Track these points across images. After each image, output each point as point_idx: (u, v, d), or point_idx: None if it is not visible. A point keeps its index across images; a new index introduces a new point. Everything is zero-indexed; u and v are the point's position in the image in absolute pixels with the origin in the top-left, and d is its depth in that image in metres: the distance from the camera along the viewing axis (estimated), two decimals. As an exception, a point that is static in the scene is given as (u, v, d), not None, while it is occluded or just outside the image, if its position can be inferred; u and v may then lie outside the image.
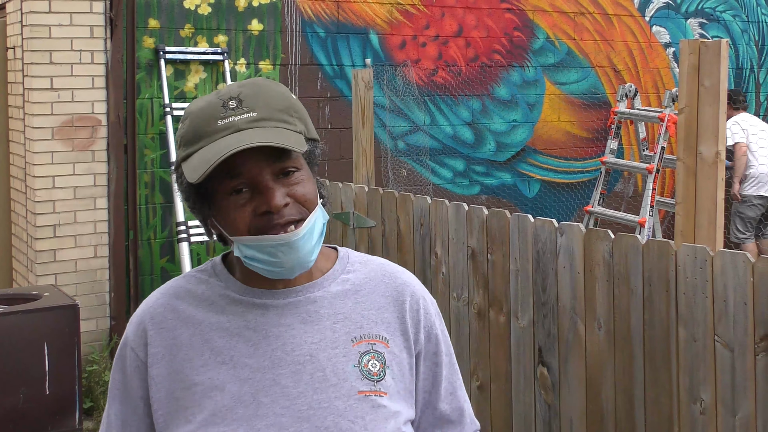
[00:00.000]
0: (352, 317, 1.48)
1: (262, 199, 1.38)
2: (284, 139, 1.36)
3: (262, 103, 1.40)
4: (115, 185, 5.71)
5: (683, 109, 3.89)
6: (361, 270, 1.54)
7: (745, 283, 3.04)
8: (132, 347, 1.47)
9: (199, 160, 1.36)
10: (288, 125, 1.40)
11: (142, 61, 5.85)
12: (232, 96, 1.40)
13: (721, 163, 3.74)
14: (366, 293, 1.51)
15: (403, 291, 1.54)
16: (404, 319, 1.51)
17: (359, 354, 1.44)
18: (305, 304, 1.46)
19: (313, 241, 1.42)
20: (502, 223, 4.01)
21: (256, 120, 1.38)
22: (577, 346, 3.67)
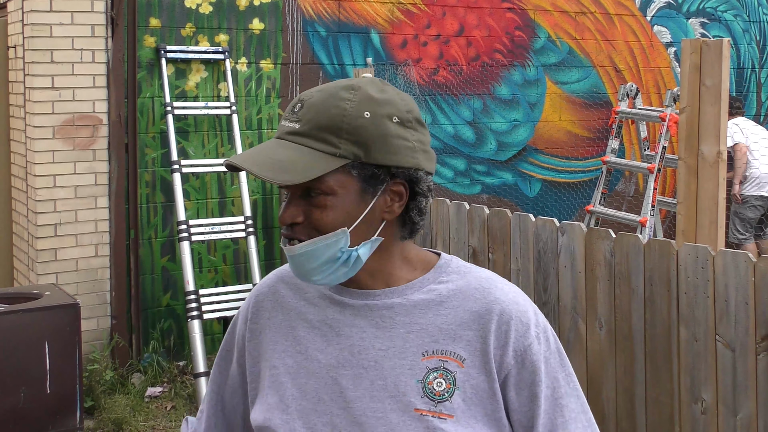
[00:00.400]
0: (429, 330, 1.41)
1: (282, 208, 1.41)
2: (283, 164, 1.34)
3: (312, 115, 1.37)
4: (116, 184, 5.71)
5: (685, 108, 3.88)
6: (455, 281, 1.45)
7: (747, 282, 3.04)
8: (242, 317, 1.57)
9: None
10: (324, 146, 1.36)
11: (143, 60, 5.85)
12: (303, 99, 1.39)
13: (722, 162, 3.74)
14: (451, 306, 1.42)
15: (491, 308, 1.41)
16: (487, 339, 1.40)
17: (427, 369, 1.38)
18: (380, 309, 1.43)
19: (315, 263, 1.38)
20: (503, 222, 4.00)
21: (294, 133, 1.37)
22: (578, 345, 3.66)
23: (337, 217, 1.38)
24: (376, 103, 1.38)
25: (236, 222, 5.86)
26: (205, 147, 6.07)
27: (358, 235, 1.40)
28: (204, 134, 6.07)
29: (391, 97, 1.41)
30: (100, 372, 5.38)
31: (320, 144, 1.35)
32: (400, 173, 1.40)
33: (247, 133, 6.22)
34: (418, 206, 1.44)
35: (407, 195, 1.42)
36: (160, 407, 5.34)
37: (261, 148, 1.38)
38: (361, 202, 1.39)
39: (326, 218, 1.37)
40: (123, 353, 5.70)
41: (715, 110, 3.77)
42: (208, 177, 6.07)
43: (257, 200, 6.25)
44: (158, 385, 5.57)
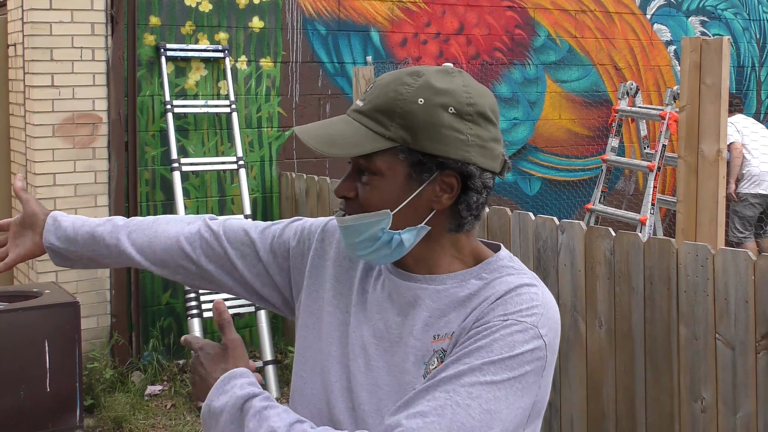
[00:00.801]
0: (448, 317, 1.41)
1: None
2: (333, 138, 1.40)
3: (373, 96, 1.41)
4: (116, 183, 5.71)
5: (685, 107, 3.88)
6: (490, 279, 1.43)
7: (747, 281, 3.04)
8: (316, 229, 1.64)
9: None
10: (376, 126, 1.39)
11: (143, 58, 5.85)
12: (375, 80, 1.45)
13: (722, 161, 3.74)
14: (473, 301, 1.41)
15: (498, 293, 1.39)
16: (474, 314, 1.39)
17: (433, 352, 1.41)
18: (415, 290, 1.46)
19: (357, 239, 1.44)
20: (503, 221, 4.00)
21: (356, 111, 1.42)
22: (578, 344, 3.66)
23: (382, 198, 1.41)
24: (434, 91, 1.39)
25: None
26: (205, 145, 6.07)
27: (402, 219, 1.41)
28: (204, 132, 6.07)
29: (453, 87, 1.40)
30: (100, 370, 5.37)
31: (373, 123, 1.39)
32: (451, 165, 1.39)
33: (246, 131, 6.21)
34: (468, 201, 1.42)
35: (458, 188, 1.41)
36: (160, 405, 5.34)
37: (325, 123, 1.44)
38: (407, 187, 1.40)
39: (371, 197, 1.41)
40: (123, 351, 5.69)
41: (715, 109, 3.77)
42: (207, 175, 6.07)
43: (257, 198, 6.25)
44: (158, 384, 5.57)
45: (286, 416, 1.34)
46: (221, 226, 1.71)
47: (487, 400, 1.28)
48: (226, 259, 1.67)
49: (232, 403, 1.38)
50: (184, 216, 1.79)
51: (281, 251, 1.65)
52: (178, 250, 1.71)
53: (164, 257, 1.72)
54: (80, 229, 1.79)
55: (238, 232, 1.68)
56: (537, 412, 1.40)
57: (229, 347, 1.49)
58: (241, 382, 1.41)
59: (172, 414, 5.22)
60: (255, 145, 6.26)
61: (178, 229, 1.73)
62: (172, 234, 1.73)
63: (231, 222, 1.72)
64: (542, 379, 1.37)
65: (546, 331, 1.36)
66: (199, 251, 1.69)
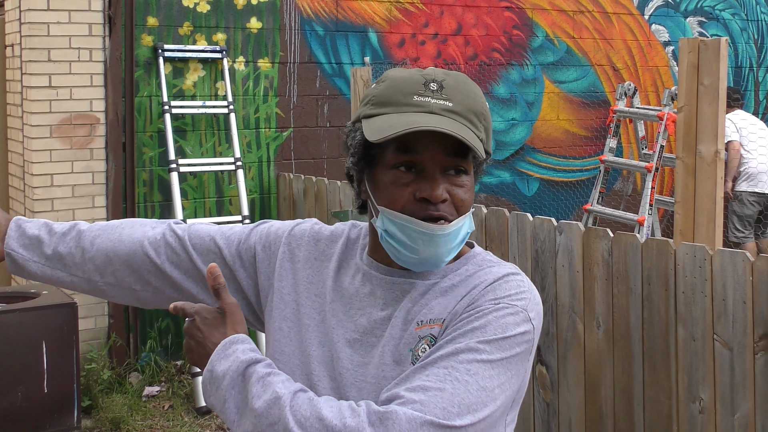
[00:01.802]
0: (431, 305, 1.44)
1: (425, 185, 1.40)
2: (470, 139, 1.37)
3: (461, 97, 1.41)
4: (114, 183, 5.70)
5: (683, 107, 3.88)
6: (473, 271, 1.47)
7: (744, 282, 3.04)
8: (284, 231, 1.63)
9: (384, 123, 1.38)
10: (474, 128, 1.40)
11: (141, 59, 5.84)
12: (436, 79, 1.42)
13: (720, 161, 3.74)
14: (456, 290, 1.45)
15: (486, 281, 1.43)
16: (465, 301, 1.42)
17: (418, 338, 1.42)
18: (401, 284, 1.47)
19: (454, 243, 1.42)
20: (501, 221, 4.00)
21: (450, 111, 1.39)
22: (575, 345, 3.66)
23: (471, 198, 1.45)
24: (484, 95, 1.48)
25: (234, 221, 5.85)
26: (203, 146, 6.07)
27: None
28: (201, 133, 6.07)
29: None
30: (98, 371, 5.37)
31: (471, 125, 1.40)
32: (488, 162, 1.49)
33: (244, 132, 6.21)
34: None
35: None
36: (158, 406, 5.33)
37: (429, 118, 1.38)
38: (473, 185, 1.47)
39: (467, 198, 1.43)
40: (120, 352, 5.69)
41: (713, 109, 3.77)
42: (205, 176, 6.06)
43: (255, 199, 6.25)
44: (156, 385, 5.57)
45: (290, 384, 1.34)
46: (186, 231, 1.68)
47: (483, 377, 1.32)
48: (192, 264, 1.65)
49: (234, 368, 1.36)
50: (148, 220, 1.75)
51: (247, 256, 1.63)
52: (142, 255, 1.66)
53: (129, 262, 1.67)
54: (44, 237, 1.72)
55: (204, 238, 1.66)
56: (519, 398, 1.44)
57: (227, 311, 1.44)
58: (243, 347, 1.39)
59: (170, 415, 5.21)
60: (253, 145, 6.26)
61: (141, 233, 1.69)
62: (136, 238, 1.68)
63: (196, 227, 1.69)
64: (528, 363, 1.41)
65: (534, 315, 1.41)
66: (164, 257, 1.66)
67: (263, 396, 1.31)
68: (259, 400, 1.31)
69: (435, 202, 1.39)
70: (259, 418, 1.30)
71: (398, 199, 1.41)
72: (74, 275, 1.70)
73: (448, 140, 1.38)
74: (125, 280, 1.68)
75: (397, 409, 1.26)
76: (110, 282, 1.68)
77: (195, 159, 5.93)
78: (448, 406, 1.28)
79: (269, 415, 1.30)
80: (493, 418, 1.33)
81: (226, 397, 1.35)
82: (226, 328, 1.42)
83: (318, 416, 1.27)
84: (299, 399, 1.31)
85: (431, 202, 1.39)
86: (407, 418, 1.26)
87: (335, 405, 1.30)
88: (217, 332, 1.42)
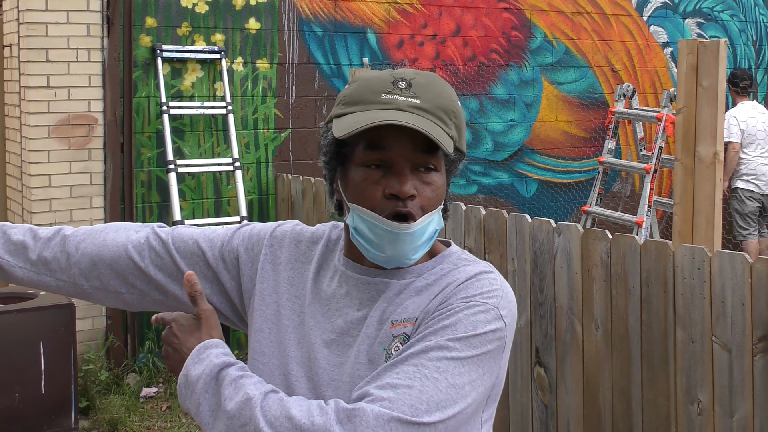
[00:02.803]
0: (406, 304, 1.45)
1: (394, 181, 1.41)
2: (438, 135, 1.38)
3: (430, 95, 1.42)
4: (112, 184, 5.70)
5: (681, 109, 3.88)
6: (447, 269, 1.48)
7: (743, 284, 3.03)
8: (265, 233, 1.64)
9: (352, 120, 1.40)
10: (443, 125, 1.41)
11: (139, 59, 5.84)
12: (405, 78, 1.43)
13: (719, 163, 3.74)
14: (432, 289, 1.46)
15: (459, 279, 1.45)
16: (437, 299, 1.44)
17: (392, 337, 1.43)
18: (376, 285, 1.48)
19: (420, 241, 1.43)
20: (499, 223, 4.00)
21: (418, 108, 1.40)
22: (574, 346, 3.66)
23: (440, 195, 1.46)
24: (455, 93, 1.49)
25: (232, 222, 5.84)
26: (201, 147, 6.06)
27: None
28: (200, 134, 6.06)
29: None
30: (95, 372, 5.36)
31: (440, 122, 1.41)
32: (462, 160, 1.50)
33: (243, 132, 6.20)
34: (449, 194, 1.52)
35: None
36: (156, 407, 5.33)
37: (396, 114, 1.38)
38: (445, 182, 1.48)
39: (436, 195, 1.44)
40: (118, 353, 5.68)
41: (712, 111, 3.77)
42: (203, 177, 6.05)
43: (253, 200, 6.24)
44: (153, 386, 5.56)
45: (261, 386, 1.36)
46: (170, 234, 1.68)
47: (452, 374, 1.33)
48: (175, 267, 1.65)
49: (208, 371, 1.38)
50: (132, 224, 1.75)
51: (230, 258, 1.64)
52: (126, 259, 1.66)
53: (113, 265, 1.67)
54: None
55: (187, 241, 1.66)
56: (495, 395, 1.45)
57: (203, 317, 1.47)
58: (216, 352, 1.41)
59: (168, 416, 5.21)
60: (251, 146, 6.25)
61: (125, 237, 1.69)
62: (120, 242, 1.68)
63: (180, 230, 1.70)
64: (501, 360, 1.42)
65: (506, 313, 1.42)
66: (148, 260, 1.66)
67: (235, 398, 1.34)
68: (231, 401, 1.33)
69: (403, 197, 1.40)
70: (232, 420, 1.32)
71: (367, 196, 1.42)
72: (60, 280, 1.70)
73: (417, 137, 1.39)
74: (110, 284, 1.68)
75: (365, 407, 1.28)
76: (96, 286, 1.69)
77: (193, 160, 5.92)
78: (416, 404, 1.29)
79: (241, 416, 1.32)
80: (464, 416, 1.34)
81: (200, 401, 1.37)
82: (201, 333, 1.45)
83: (287, 415, 1.29)
84: (270, 399, 1.32)
85: (399, 198, 1.40)
86: (374, 415, 1.27)
87: (305, 404, 1.31)
88: (193, 338, 1.45)
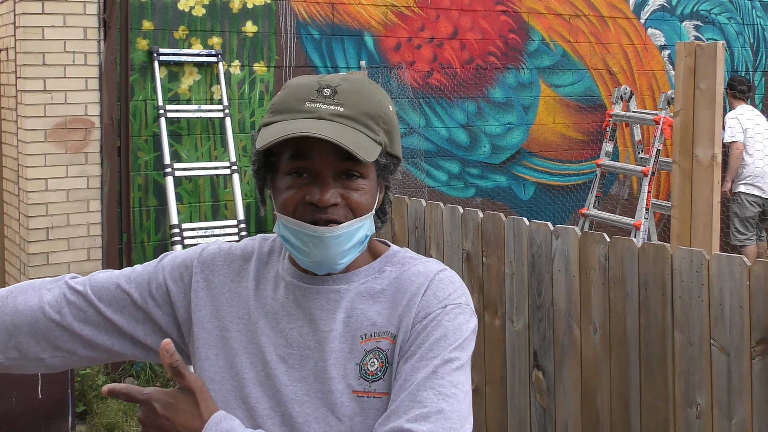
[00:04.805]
0: (368, 314, 1.44)
1: (315, 190, 1.40)
2: (355, 143, 1.36)
3: (355, 101, 1.41)
4: (109, 187, 5.69)
5: (679, 111, 3.88)
6: (398, 270, 1.49)
7: (741, 286, 3.03)
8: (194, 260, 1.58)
9: (273, 131, 1.39)
10: (369, 132, 1.40)
11: (136, 62, 5.83)
12: (330, 85, 1.42)
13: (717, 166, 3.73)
14: (391, 293, 1.46)
15: (421, 284, 1.46)
16: (411, 311, 1.44)
17: (364, 352, 1.42)
18: (327, 293, 1.47)
19: (347, 245, 1.42)
20: (497, 226, 3.99)
21: (340, 115, 1.39)
22: (572, 349, 3.65)
23: (369, 201, 1.44)
24: (388, 97, 1.48)
25: (229, 225, 5.84)
26: (198, 150, 6.05)
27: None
28: (197, 137, 6.05)
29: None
30: (93, 377, 5.35)
31: (365, 129, 1.40)
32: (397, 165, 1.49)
33: (240, 136, 6.20)
34: (389, 197, 1.54)
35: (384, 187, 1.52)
36: (153, 412, 5.31)
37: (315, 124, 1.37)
38: (377, 189, 1.48)
39: (363, 201, 1.43)
40: (115, 357, 5.66)
41: (710, 113, 3.76)
42: (201, 180, 6.05)
43: (250, 204, 6.23)
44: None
45: None
46: (87, 284, 1.59)
47: (463, 382, 1.39)
48: (101, 317, 1.56)
49: None
50: (39, 281, 1.62)
51: (160, 294, 1.56)
52: (45, 321, 1.55)
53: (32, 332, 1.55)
54: None
55: (108, 287, 1.58)
56: None
57: (195, 390, 1.33)
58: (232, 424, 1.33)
59: (165, 420, 5.19)
60: (248, 149, 6.24)
61: (38, 298, 1.57)
62: (34, 305, 1.56)
63: (97, 277, 1.61)
64: None
65: (471, 304, 1.50)
66: (69, 317, 1.55)
67: None
68: None
69: (322, 206, 1.40)
70: None
71: (289, 202, 1.42)
72: None
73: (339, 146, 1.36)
74: (30, 351, 1.55)
75: None
76: (13, 357, 1.56)
77: (190, 163, 5.92)
78: (453, 425, 1.33)
79: None
80: None
81: None
82: (199, 409, 1.32)
83: None
84: None
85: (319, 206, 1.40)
86: None
87: None
88: (189, 416, 1.32)
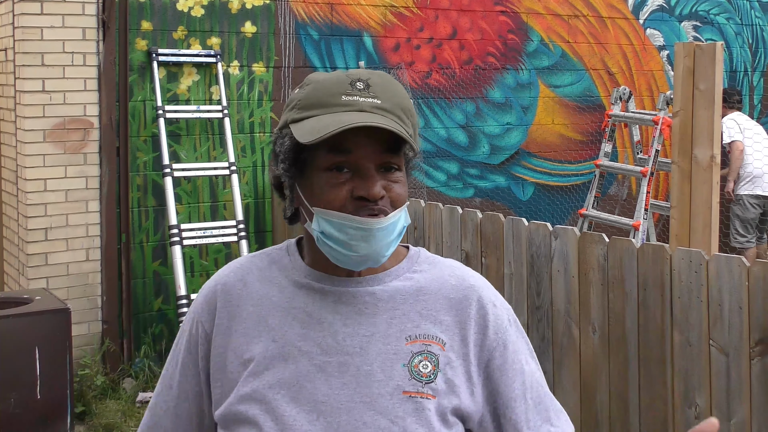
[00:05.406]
0: (410, 315, 1.44)
1: (362, 184, 1.38)
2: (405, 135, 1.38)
3: (389, 94, 1.41)
4: (107, 188, 5.68)
5: (678, 112, 3.88)
6: (428, 270, 1.50)
7: (741, 287, 3.03)
8: (199, 320, 1.50)
9: (316, 125, 1.36)
10: (403, 125, 1.40)
11: (135, 63, 5.82)
12: (361, 78, 1.41)
13: (716, 166, 3.73)
14: (429, 293, 1.47)
15: (469, 295, 1.48)
16: (466, 324, 1.45)
17: (411, 353, 1.41)
18: (363, 296, 1.44)
19: (391, 237, 1.40)
20: (496, 226, 3.99)
21: (379, 108, 1.38)
22: (571, 350, 3.65)
23: (405, 192, 1.44)
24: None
25: (228, 226, 5.83)
26: (197, 150, 6.05)
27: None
28: (196, 138, 6.05)
29: None
30: (91, 377, 5.34)
31: (400, 121, 1.40)
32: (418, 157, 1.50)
33: (239, 136, 6.19)
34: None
35: None
36: (152, 412, 5.30)
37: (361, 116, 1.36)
38: (407, 180, 1.47)
39: (402, 193, 1.43)
40: (114, 358, 5.66)
41: (709, 114, 3.77)
42: (200, 181, 6.04)
43: (249, 204, 6.23)
44: (149, 390, 5.54)
45: None
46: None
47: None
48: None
49: None
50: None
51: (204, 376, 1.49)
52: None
53: None
54: None
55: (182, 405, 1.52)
56: None
57: None
58: None
59: (164, 421, 5.18)
60: (247, 150, 6.24)
61: None
62: None
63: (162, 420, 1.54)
64: None
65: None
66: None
67: None
68: None
69: (373, 200, 1.38)
70: None
71: (334, 199, 1.38)
72: None
73: (380, 137, 1.37)
74: None
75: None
76: None
77: (189, 163, 5.91)
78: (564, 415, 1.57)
79: None
80: None
81: None
82: None
83: None
84: None
85: (369, 200, 1.38)
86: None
87: None
88: None
